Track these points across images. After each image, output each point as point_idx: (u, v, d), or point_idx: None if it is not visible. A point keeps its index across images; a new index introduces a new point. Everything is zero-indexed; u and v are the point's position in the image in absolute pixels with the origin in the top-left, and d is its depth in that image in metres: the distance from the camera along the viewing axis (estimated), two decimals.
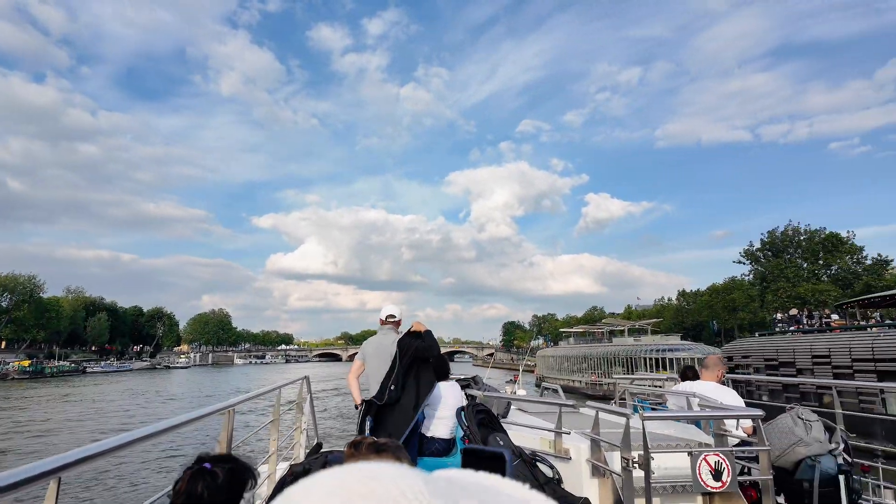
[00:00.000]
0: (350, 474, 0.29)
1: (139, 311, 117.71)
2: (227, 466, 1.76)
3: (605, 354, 50.79)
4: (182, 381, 67.34)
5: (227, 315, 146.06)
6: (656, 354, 45.15)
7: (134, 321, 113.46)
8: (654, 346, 46.92)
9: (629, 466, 3.27)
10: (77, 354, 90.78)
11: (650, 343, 49.01)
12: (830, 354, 25.28)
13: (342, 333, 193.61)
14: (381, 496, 0.28)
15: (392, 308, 5.03)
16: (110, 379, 68.94)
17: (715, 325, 67.78)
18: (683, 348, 45.38)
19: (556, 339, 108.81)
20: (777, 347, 29.65)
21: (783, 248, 63.11)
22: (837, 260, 56.26)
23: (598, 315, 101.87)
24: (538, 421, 4.65)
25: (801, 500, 3.45)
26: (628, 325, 61.99)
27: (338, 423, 27.07)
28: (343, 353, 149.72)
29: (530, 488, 0.33)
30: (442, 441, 4.70)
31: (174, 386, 58.71)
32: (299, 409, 5.24)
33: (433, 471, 0.33)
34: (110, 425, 26.70)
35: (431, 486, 0.29)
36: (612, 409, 4.08)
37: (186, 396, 44.76)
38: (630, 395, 6.68)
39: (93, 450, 1.74)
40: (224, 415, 3.01)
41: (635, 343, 50.62)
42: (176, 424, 2.41)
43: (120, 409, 34.78)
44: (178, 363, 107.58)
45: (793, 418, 3.54)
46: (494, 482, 0.33)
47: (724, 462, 3.37)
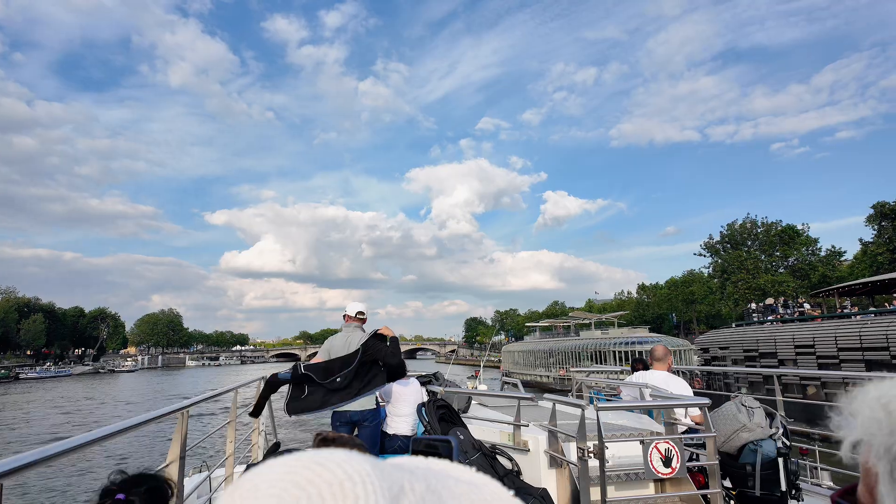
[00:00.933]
0: (297, 461, 0.30)
1: (80, 311, 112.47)
2: (142, 489, 1.63)
3: (573, 348, 51.36)
4: (125, 386, 64.81)
5: (178, 315, 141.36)
6: (625, 347, 45.93)
7: (74, 323, 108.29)
8: (622, 339, 47.75)
9: (584, 456, 3.45)
10: (10, 360, 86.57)
11: (618, 336, 49.92)
12: (815, 344, 25.51)
13: (301, 333, 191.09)
14: (327, 479, 0.29)
15: (360, 305, 5.09)
16: (45, 386, 65.76)
17: (674, 317, 70.87)
18: (652, 341, 45.38)
19: (519, 334, 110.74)
20: (757, 338, 29.63)
21: (742, 240, 65.31)
22: (794, 252, 58.56)
23: (560, 310, 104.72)
24: (498, 415, 4.83)
25: (744, 483, 3.74)
26: (595, 318, 63.26)
27: (298, 426, 26.80)
28: (302, 353, 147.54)
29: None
30: (404, 438, 4.85)
31: (116, 391, 56.49)
32: None
33: None
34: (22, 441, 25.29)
35: (378, 469, 0.30)
36: (569, 400, 4.30)
37: (125, 402, 43.06)
38: (586, 388, 6.99)
39: (39, 454, 1.70)
40: (178, 417, 3.03)
41: (603, 336, 51.40)
42: (128, 427, 2.40)
43: (38, 420, 32.87)
44: (123, 367, 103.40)
45: (736, 405, 3.83)
46: (443, 466, 0.34)
47: (674, 449, 3.61)
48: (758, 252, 61.94)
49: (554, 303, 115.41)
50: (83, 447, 2.03)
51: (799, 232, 59.39)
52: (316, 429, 19.37)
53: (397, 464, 0.33)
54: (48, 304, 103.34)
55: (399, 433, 4.87)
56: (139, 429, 2.53)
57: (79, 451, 2.00)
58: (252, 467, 2.70)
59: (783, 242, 59.52)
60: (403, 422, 4.90)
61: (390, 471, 0.30)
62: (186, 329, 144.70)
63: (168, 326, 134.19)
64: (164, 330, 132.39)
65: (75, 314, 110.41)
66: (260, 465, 0.31)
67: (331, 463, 0.30)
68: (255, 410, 4.18)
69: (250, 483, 0.29)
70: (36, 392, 55.12)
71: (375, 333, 4.55)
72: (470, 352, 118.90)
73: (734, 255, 62.04)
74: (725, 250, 66.53)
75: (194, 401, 3.28)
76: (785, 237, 59.46)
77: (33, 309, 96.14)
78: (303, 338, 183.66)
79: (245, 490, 0.29)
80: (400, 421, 4.90)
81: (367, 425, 4.63)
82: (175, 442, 2.97)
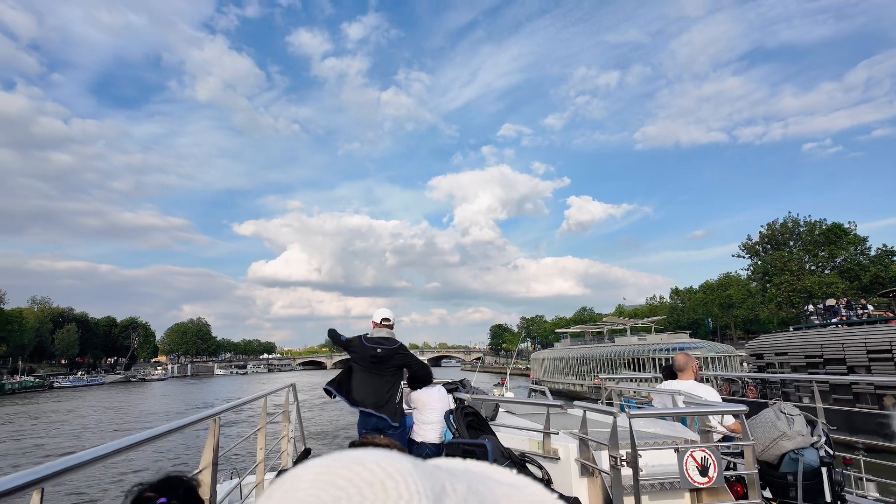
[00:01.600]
0: (335, 460, 0.30)
1: (112, 321, 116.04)
2: (180, 491, 1.66)
3: (609, 355, 49.39)
4: (155, 395, 66.17)
5: (207, 324, 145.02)
6: (664, 354, 43.47)
7: (107, 332, 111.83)
8: (661, 346, 45.71)
9: (617, 465, 3.44)
10: (45, 368, 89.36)
11: (657, 342, 47.81)
12: (893, 349, 23.57)
13: (327, 341, 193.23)
14: (367, 479, 0.29)
15: (386, 311, 5.15)
16: (76, 394, 67.34)
17: (710, 322, 68.61)
18: (693, 346, 44.02)
19: (546, 341, 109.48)
20: (821, 343, 27.24)
21: (783, 240, 63.09)
22: (841, 251, 56.19)
23: (589, 316, 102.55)
24: (526, 422, 4.84)
25: (785, 493, 3.67)
26: (630, 323, 61.09)
27: (326, 436, 27.15)
28: (328, 360, 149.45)
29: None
30: (432, 446, 4.90)
31: (146, 401, 57.67)
32: (286, 418, 5.40)
33: None
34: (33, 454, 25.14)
35: (419, 468, 0.30)
36: (600, 408, 4.29)
37: (153, 413, 43.72)
38: (616, 395, 6.94)
39: (77, 459, 1.77)
40: (210, 423, 3.14)
41: (640, 342, 49.42)
42: (161, 433, 2.51)
43: (61, 431, 32.73)
44: (153, 375, 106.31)
45: (775, 413, 3.77)
46: (483, 468, 0.34)
47: (711, 458, 3.57)
48: (801, 252, 59.68)
49: (582, 308, 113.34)
50: (120, 452, 2.11)
51: (846, 230, 57.09)
52: (342, 438, 19.61)
53: (437, 464, 0.33)
54: (81, 314, 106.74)
55: (427, 441, 4.92)
56: (172, 435, 2.64)
57: (115, 456, 2.07)
58: (282, 472, 2.79)
59: (829, 242, 57.32)
60: (431, 429, 4.96)
61: (431, 470, 0.30)
62: (215, 338, 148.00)
63: (197, 335, 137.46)
64: (193, 339, 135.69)
65: (108, 324, 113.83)
66: (299, 466, 0.31)
67: (370, 462, 0.30)
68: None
69: (289, 482, 0.29)
70: (64, 402, 56.48)
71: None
72: (495, 359, 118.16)
73: (776, 255, 59.91)
74: (766, 251, 64.31)
75: (226, 407, 3.39)
76: (831, 236, 57.27)
77: (67, 319, 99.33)
78: (328, 345, 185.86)
79: (284, 490, 0.29)
80: (428, 428, 4.96)
81: (391, 433, 4.71)
82: (208, 448, 3.08)
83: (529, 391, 7.26)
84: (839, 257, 56.81)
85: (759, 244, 65.88)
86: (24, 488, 1.48)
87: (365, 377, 4.86)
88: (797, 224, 62.52)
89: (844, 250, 56.19)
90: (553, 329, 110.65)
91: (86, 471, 1.85)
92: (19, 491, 1.45)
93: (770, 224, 64.87)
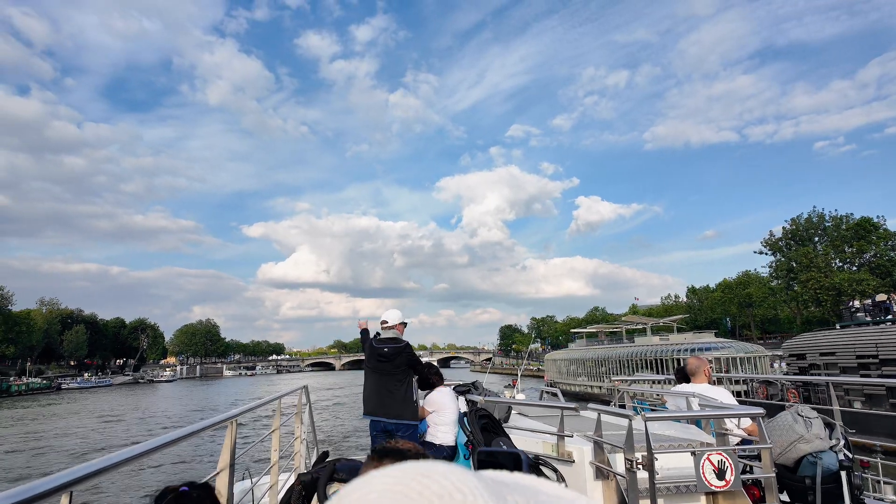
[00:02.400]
0: (403, 472, 0.30)
1: (121, 322, 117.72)
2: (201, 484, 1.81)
3: (628, 356, 48.23)
4: (159, 398, 65.89)
5: (215, 325, 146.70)
6: (688, 354, 40.66)
7: (116, 334, 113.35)
8: (685, 345, 44.31)
9: (633, 468, 3.51)
10: (53, 370, 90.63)
11: (681, 342, 46.33)
12: None
13: (335, 342, 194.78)
14: (436, 491, 0.29)
15: (389, 314, 5.45)
16: (84, 396, 67.70)
17: (728, 321, 67.80)
18: (720, 346, 43.00)
19: (557, 341, 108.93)
20: (875, 342, 25.56)
21: (808, 236, 61.29)
22: (871, 247, 54.60)
23: (602, 315, 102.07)
24: (539, 425, 4.92)
25: (803, 497, 3.72)
26: (651, 322, 59.83)
27: (338, 437, 27.41)
28: (336, 361, 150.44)
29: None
30: (446, 448, 5.02)
31: (154, 404, 57.28)
32: (299, 420, 5.55)
33: None
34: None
35: (483, 481, 0.30)
36: (615, 410, 4.35)
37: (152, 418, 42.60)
38: (629, 397, 6.99)
39: (103, 463, 1.85)
40: (227, 425, 3.27)
41: (662, 343, 48.18)
42: (182, 436, 2.62)
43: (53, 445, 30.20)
44: (162, 377, 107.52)
45: (793, 416, 3.82)
46: (531, 481, 0.35)
47: (728, 461, 3.63)
48: (829, 248, 57.95)
49: (594, 308, 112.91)
50: (144, 455, 2.18)
51: (875, 225, 55.59)
52: (357, 440, 19.85)
53: (493, 477, 0.33)
54: (90, 315, 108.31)
55: (441, 443, 5.04)
56: (193, 437, 2.76)
57: (139, 460, 2.14)
58: (302, 476, 2.92)
59: (857, 237, 55.74)
60: (445, 431, 5.08)
61: (492, 483, 0.30)
62: (223, 339, 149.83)
63: (206, 336, 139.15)
64: (201, 340, 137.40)
65: (116, 325, 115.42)
66: (363, 478, 0.32)
67: (437, 474, 0.31)
68: None
69: (359, 493, 0.30)
70: (72, 404, 56.92)
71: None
72: (505, 360, 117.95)
73: (801, 252, 58.15)
74: (790, 247, 62.44)
75: (242, 410, 3.51)
76: (860, 231, 55.63)
77: (76, 320, 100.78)
78: (337, 346, 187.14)
79: (354, 498, 0.30)
80: (442, 430, 5.08)
81: (402, 435, 4.88)
82: (225, 450, 3.19)
83: (542, 393, 7.33)
84: (868, 253, 55.23)
85: (781, 240, 64.14)
86: (54, 493, 1.55)
87: (375, 379, 5.20)
88: (822, 219, 60.99)
89: (875, 245, 54.62)
90: (565, 330, 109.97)
91: (111, 474, 1.92)
92: (49, 496, 1.52)
93: (794, 219, 63.10)
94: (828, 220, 60.45)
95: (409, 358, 5.26)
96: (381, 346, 5.25)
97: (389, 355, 5.19)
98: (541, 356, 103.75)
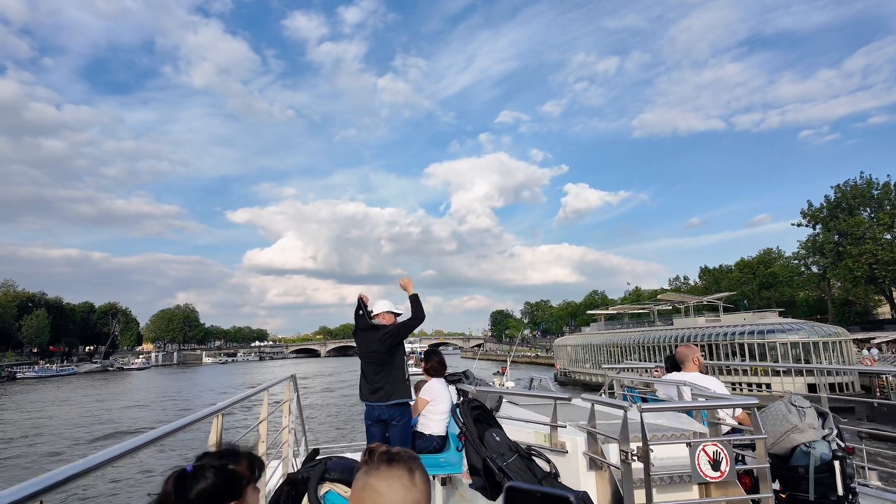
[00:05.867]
0: None
1: (90, 307, 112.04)
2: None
3: (669, 340, 40.22)
4: (127, 390, 60.53)
5: (194, 310, 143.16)
6: (751, 339, 35.55)
7: (84, 319, 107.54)
8: (745, 328, 36.95)
9: (628, 459, 3.43)
10: (10, 357, 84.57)
11: (737, 323, 38.96)
12: None
13: (321, 328, 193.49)
14: None
15: (378, 303, 5.27)
16: (40, 387, 62.05)
17: (746, 304, 61.34)
18: (789, 329, 35.53)
19: (550, 328, 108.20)
20: None
21: (855, 205, 53.27)
22: None
23: (601, 300, 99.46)
24: (532, 414, 4.84)
25: (796, 486, 3.68)
26: (693, 301, 51.05)
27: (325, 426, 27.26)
28: (322, 348, 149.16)
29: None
30: (436, 438, 4.91)
31: (117, 397, 51.66)
32: (287, 409, 5.41)
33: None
34: None
35: None
36: (609, 401, 4.27)
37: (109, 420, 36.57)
38: (618, 385, 6.98)
39: (77, 468, 1.68)
40: (213, 420, 3.12)
41: (711, 324, 40.74)
42: (164, 434, 2.41)
43: None
44: (133, 364, 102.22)
45: (786, 405, 3.77)
46: None
47: (723, 451, 3.57)
48: (885, 216, 50.15)
49: (593, 292, 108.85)
50: (123, 456, 1.98)
51: None
52: (347, 430, 19.51)
53: None
54: (55, 298, 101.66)
55: (432, 433, 4.95)
56: (175, 435, 2.57)
57: (118, 462, 1.93)
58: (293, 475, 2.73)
59: None
60: (436, 421, 4.98)
61: None
62: (203, 324, 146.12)
63: (184, 322, 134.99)
64: (179, 326, 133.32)
65: (84, 310, 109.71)
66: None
67: None
68: None
69: None
70: (23, 395, 52.81)
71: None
72: (498, 346, 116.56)
73: (852, 222, 50.51)
74: (835, 218, 53.96)
75: (228, 403, 3.40)
76: None
77: (37, 304, 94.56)
78: (322, 333, 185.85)
79: None
80: (433, 420, 4.98)
81: (396, 424, 4.76)
82: (211, 444, 3.06)
83: (531, 381, 7.26)
84: None
85: (820, 211, 55.84)
86: (23, 502, 1.37)
87: (365, 356, 4.98)
88: (871, 185, 53.09)
89: None
90: (560, 314, 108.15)
91: (86, 479, 1.76)
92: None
93: (839, 186, 54.78)
94: (878, 187, 52.66)
95: (391, 333, 4.98)
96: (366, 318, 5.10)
97: (374, 325, 5.01)
98: (535, 342, 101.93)
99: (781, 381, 32.19)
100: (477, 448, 3.80)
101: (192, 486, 1.64)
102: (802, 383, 30.41)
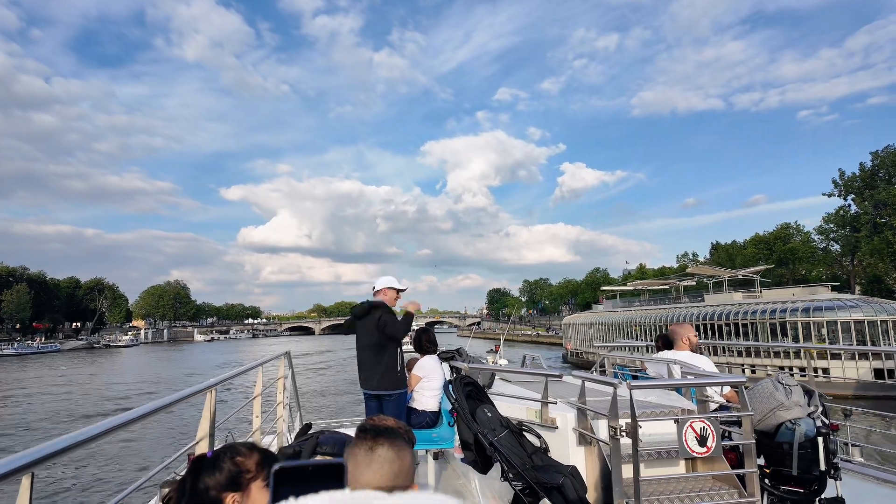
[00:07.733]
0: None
1: (76, 282, 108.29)
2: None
3: (705, 318, 36.25)
4: (114, 368, 57.96)
5: (185, 287, 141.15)
6: (800, 316, 31.10)
7: (70, 295, 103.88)
8: (796, 304, 32.44)
9: (617, 435, 3.48)
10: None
11: (786, 298, 34.64)
12: None
13: (315, 306, 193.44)
14: None
15: (379, 280, 5.22)
16: (17, 366, 58.80)
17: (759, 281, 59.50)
18: (845, 305, 31.10)
19: (547, 306, 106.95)
20: None
21: (893, 173, 49.79)
22: None
23: (603, 277, 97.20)
24: (523, 391, 4.89)
25: (780, 461, 3.76)
26: (728, 275, 46.81)
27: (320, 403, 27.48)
28: (316, 326, 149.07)
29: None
30: (429, 414, 4.98)
31: (103, 376, 48.82)
32: (281, 385, 5.45)
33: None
34: None
35: None
36: (600, 378, 4.32)
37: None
38: (609, 363, 7.06)
39: (67, 441, 1.67)
40: (206, 395, 3.12)
41: (749, 300, 37.08)
42: (155, 409, 2.40)
43: None
44: (120, 341, 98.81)
45: (773, 383, 3.82)
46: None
47: (710, 428, 3.63)
48: None
49: (595, 270, 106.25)
50: (113, 430, 1.98)
51: None
52: (342, 405, 19.36)
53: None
54: (38, 273, 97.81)
55: (425, 409, 5.02)
56: (168, 409, 2.56)
57: (108, 436, 1.94)
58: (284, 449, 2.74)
59: None
60: (429, 397, 5.04)
61: None
62: (194, 301, 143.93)
63: (175, 299, 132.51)
64: (170, 302, 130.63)
65: (70, 285, 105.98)
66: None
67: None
68: None
69: None
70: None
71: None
72: (497, 324, 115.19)
73: (893, 191, 46.68)
74: (872, 187, 50.02)
75: (222, 378, 3.40)
76: None
77: (18, 279, 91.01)
78: (317, 311, 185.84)
79: None
80: (427, 396, 5.05)
81: (390, 399, 4.79)
82: (204, 419, 3.07)
83: (523, 358, 7.33)
84: None
85: (854, 180, 51.78)
86: (13, 474, 1.36)
87: (360, 340, 4.97)
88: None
89: None
90: (560, 293, 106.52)
91: (78, 452, 1.73)
92: (7, 477, 1.33)
93: (877, 153, 51.00)
94: None
95: (381, 313, 4.89)
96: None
97: (367, 309, 4.92)
98: (533, 320, 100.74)
99: (842, 365, 28.10)
100: (468, 423, 3.84)
101: (207, 472, 1.69)
102: (868, 368, 27.24)
